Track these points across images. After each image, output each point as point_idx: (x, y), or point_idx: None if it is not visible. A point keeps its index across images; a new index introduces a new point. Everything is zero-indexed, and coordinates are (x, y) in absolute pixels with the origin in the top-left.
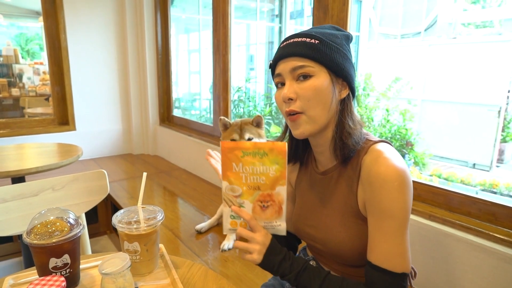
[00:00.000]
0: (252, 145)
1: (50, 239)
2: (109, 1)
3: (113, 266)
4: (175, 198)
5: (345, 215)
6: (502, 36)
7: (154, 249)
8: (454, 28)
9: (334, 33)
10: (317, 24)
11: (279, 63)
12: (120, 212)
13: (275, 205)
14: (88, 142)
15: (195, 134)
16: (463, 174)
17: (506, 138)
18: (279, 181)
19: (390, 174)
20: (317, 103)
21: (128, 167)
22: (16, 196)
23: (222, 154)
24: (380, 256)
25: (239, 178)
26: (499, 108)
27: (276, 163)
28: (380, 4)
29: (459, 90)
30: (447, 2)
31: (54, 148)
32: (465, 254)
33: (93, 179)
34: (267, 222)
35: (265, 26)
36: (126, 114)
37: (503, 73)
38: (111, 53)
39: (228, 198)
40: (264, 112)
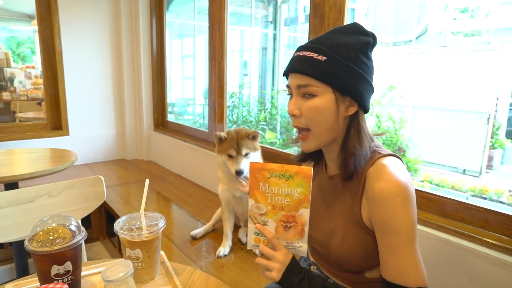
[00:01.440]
0: (279, 167)
1: (52, 246)
2: (104, 6)
3: (116, 273)
4: (169, 203)
5: (347, 222)
6: (491, 45)
7: (155, 255)
8: (444, 36)
9: (351, 43)
10: (313, 32)
11: (289, 75)
12: (122, 219)
13: (298, 226)
14: (81, 147)
15: (190, 140)
16: (454, 180)
17: (495, 145)
18: (302, 204)
19: (392, 190)
20: (320, 122)
21: (122, 173)
22: (11, 202)
23: (250, 174)
24: (392, 272)
25: (264, 198)
26: (488, 115)
27: (301, 186)
28: (372, 12)
29: (450, 97)
30: (438, 11)
31: (48, 154)
32: (459, 259)
33: (90, 185)
34: (289, 242)
35: (259, 33)
36: (120, 119)
37: (492, 81)
38: (105, 57)
39: (253, 215)
40: (259, 118)
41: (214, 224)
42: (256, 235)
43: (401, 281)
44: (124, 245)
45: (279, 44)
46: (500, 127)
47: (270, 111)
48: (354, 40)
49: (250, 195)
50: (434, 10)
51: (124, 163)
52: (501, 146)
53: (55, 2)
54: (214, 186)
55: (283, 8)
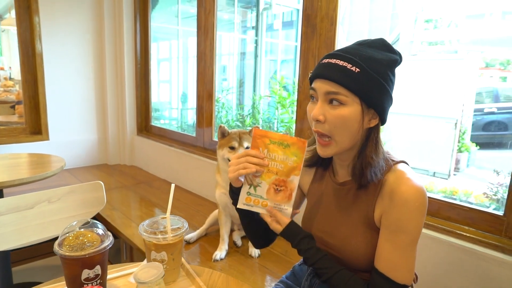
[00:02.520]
0: (279, 136)
1: (83, 251)
2: (87, 8)
3: (149, 275)
4: (159, 208)
5: (364, 227)
6: (458, 55)
7: (179, 258)
8: (415, 45)
9: (380, 59)
10: (305, 41)
11: (316, 80)
12: (146, 222)
13: (287, 190)
14: (62, 152)
15: (176, 144)
16: (425, 182)
17: (461, 149)
18: (294, 171)
19: (413, 194)
20: (344, 131)
21: (105, 178)
22: (11, 209)
23: (253, 138)
24: (387, 265)
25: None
26: (456, 121)
27: (295, 155)
28: (347, 21)
29: (420, 103)
30: (408, 22)
31: (32, 159)
32: (448, 255)
33: (90, 191)
34: (277, 204)
35: (238, 38)
36: (102, 123)
37: (458, 88)
38: (88, 61)
39: (248, 176)
40: (245, 123)
41: (208, 228)
42: (248, 195)
43: (392, 275)
44: (150, 248)
45: (260, 50)
46: (465, 132)
47: (252, 115)
48: (384, 56)
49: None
50: (405, 20)
51: (106, 168)
52: (466, 150)
53: (35, 3)
54: (204, 191)
55: (264, 14)
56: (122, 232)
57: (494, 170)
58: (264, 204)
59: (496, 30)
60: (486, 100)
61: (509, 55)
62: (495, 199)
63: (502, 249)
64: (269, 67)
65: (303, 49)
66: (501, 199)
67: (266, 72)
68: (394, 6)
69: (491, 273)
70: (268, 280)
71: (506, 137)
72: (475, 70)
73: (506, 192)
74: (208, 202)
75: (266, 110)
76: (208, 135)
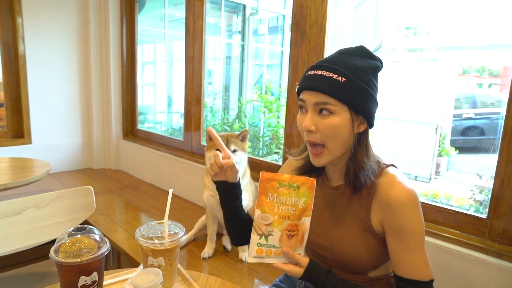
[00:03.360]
0: (288, 178)
1: (80, 257)
2: (72, 10)
3: (146, 280)
4: (146, 213)
5: (356, 228)
6: (437, 62)
7: (175, 263)
8: (397, 52)
9: (363, 67)
10: (295, 47)
11: (304, 92)
12: (142, 228)
13: (299, 234)
14: (45, 156)
15: (163, 149)
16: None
17: (442, 153)
18: (305, 212)
19: (406, 197)
20: (336, 139)
21: (90, 182)
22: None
23: (260, 184)
24: (409, 269)
25: (272, 207)
26: (436, 126)
27: (305, 196)
28: (331, 25)
29: (402, 108)
30: (390, 29)
31: (13, 163)
32: (435, 257)
33: (79, 196)
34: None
35: (224, 42)
36: (86, 127)
37: (438, 94)
38: (72, 63)
39: (258, 226)
40: (234, 128)
41: (196, 233)
42: (258, 246)
43: (417, 276)
44: (147, 253)
45: (247, 55)
46: (445, 137)
47: (239, 119)
48: (366, 64)
49: (257, 205)
50: (387, 27)
51: (91, 172)
52: (446, 154)
53: (18, 4)
54: (192, 196)
55: (251, 19)
56: (109, 237)
57: (477, 174)
58: (277, 253)
59: (472, 37)
60: (464, 106)
61: (484, 62)
62: (478, 201)
63: (486, 251)
64: (255, 72)
65: (292, 55)
66: (483, 202)
67: (252, 77)
68: (377, 13)
69: (476, 274)
70: (257, 284)
71: (483, 141)
72: (454, 76)
73: (488, 195)
74: (196, 207)
75: (252, 114)
76: (196, 139)
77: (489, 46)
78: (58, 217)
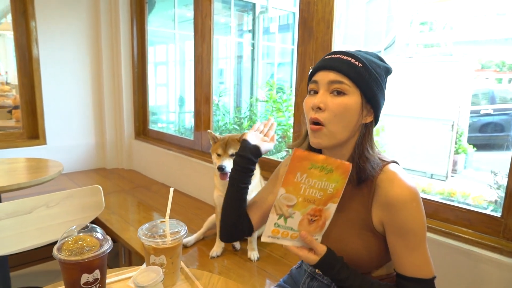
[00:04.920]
0: (323, 159)
1: (83, 255)
2: (83, 13)
3: (148, 279)
4: (158, 212)
5: (357, 227)
6: (453, 57)
7: (178, 262)
8: (411, 48)
9: (377, 62)
10: (302, 45)
11: (319, 72)
12: (145, 226)
13: (320, 220)
14: (59, 156)
15: (174, 148)
16: (423, 184)
17: (458, 150)
18: (333, 198)
19: (407, 195)
20: (341, 120)
21: (103, 182)
22: (9, 214)
23: (291, 161)
24: (411, 268)
25: (298, 189)
26: (452, 122)
27: (337, 181)
28: (343, 23)
29: (417, 105)
30: (404, 24)
31: (29, 164)
32: (446, 257)
33: (88, 195)
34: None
35: (235, 42)
36: (99, 127)
37: (454, 90)
38: (85, 64)
39: (279, 205)
40: (243, 127)
41: (205, 232)
42: (275, 227)
43: (420, 274)
44: (149, 252)
45: (257, 54)
46: (462, 134)
47: (250, 118)
48: (379, 62)
49: (283, 183)
50: (400, 23)
51: (104, 172)
52: (464, 151)
53: (32, 8)
54: (202, 195)
55: (260, 18)
56: (120, 236)
57: (492, 171)
58: (293, 236)
59: (491, 31)
60: (482, 102)
61: (504, 56)
62: (493, 200)
63: (500, 251)
64: (266, 70)
65: (300, 53)
66: (499, 200)
67: (263, 75)
68: (390, 9)
69: (489, 275)
70: (267, 283)
71: (503, 138)
72: (471, 72)
73: (504, 193)
74: (206, 206)
75: (263, 112)
76: (206, 139)
77: (507, 40)
78: (68, 216)
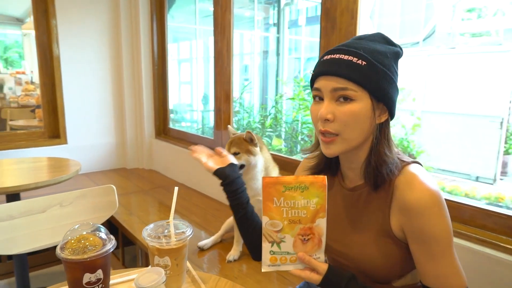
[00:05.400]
0: (293, 179)
1: (85, 254)
2: (103, 10)
3: (149, 280)
4: (177, 214)
5: (378, 234)
6: (502, 47)
7: (183, 263)
8: (453, 37)
9: (383, 51)
10: (325, 36)
11: (320, 78)
12: (150, 227)
13: (315, 238)
14: (80, 156)
15: None
16: (467, 188)
17: (509, 150)
18: (319, 214)
19: (428, 199)
20: (354, 128)
21: (123, 182)
22: (23, 212)
23: (263, 189)
24: (435, 279)
25: (280, 213)
26: (501, 120)
27: (317, 196)
28: (377, 13)
29: (460, 101)
30: (445, 12)
31: (49, 163)
32: (482, 267)
33: (102, 195)
34: (309, 255)
35: (260, 36)
36: (120, 127)
37: (504, 83)
38: (105, 63)
39: (268, 233)
40: (265, 125)
41: (223, 234)
42: (272, 254)
43: (446, 285)
44: (153, 253)
45: (282, 48)
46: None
47: (274, 117)
48: (386, 48)
49: (263, 212)
50: (441, 10)
51: (125, 172)
52: None
53: (52, 6)
54: (221, 196)
55: (286, 10)
56: (137, 238)
57: None
58: (293, 259)
59: None
60: None
61: None
62: None
63: None
64: (293, 66)
65: (322, 46)
66: None
67: (290, 71)
68: None
69: None
70: None
71: None
72: None
73: None
74: (225, 207)
75: (289, 110)
76: (226, 138)
77: None
78: (81, 216)
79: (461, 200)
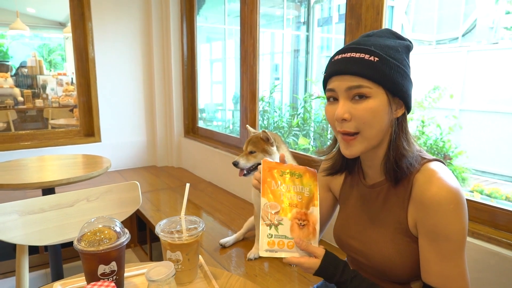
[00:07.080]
0: (288, 167)
1: (99, 246)
2: (136, 12)
3: (159, 273)
4: (200, 211)
5: (395, 232)
6: None
7: (195, 259)
8: (496, 32)
9: (394, 46)
10: (349, 33)
11: (333, 78)
12: (163, 222)
13: (310, 225)
14: (112, 153)
15: (221, 146)
16: (508, 190)
17: None
18: (312, 202)
19: (445, 196)
20: (373, 125)
21: (152, 179)
22: (53, 206)
23: (262, 173)
24: (439, 278)
25: (278, 195)
26: None
27: (309, 185)
28: (413, 8)
29: (502, 99)
30: (487, 5)
31: (82, 160)
32: (510, 274)
33: (126, 191)
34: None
35: (291, 34)
36: (151, 125)
37: None
38: (137, 64)
39: (266, 215)
40: (292, 124)
41: (245, 233)
42: (269, 238)
43: (448, 286)
44: (165, 247)
45: (312, 46)
46: None
47: (303, 116)
48: (396, 43)
49: (262, 194)
50: (483, 3)
51: (155, 170)
52: None
53: (88, 10)
54: (247, 194)
55: (316, 8)
56: None
57: None
58: (290, 245)
59: None
60: None
61: None
62: None
63: None
64: (324, 64)
65: (348, 43)
66: None
67: (319, 69)
68: None
69: None
70: None
71: None
72: None
73: None
74: (250, 206)
75: (318, 109)
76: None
77: None
78: (106, 210)
79: (499, 204)
